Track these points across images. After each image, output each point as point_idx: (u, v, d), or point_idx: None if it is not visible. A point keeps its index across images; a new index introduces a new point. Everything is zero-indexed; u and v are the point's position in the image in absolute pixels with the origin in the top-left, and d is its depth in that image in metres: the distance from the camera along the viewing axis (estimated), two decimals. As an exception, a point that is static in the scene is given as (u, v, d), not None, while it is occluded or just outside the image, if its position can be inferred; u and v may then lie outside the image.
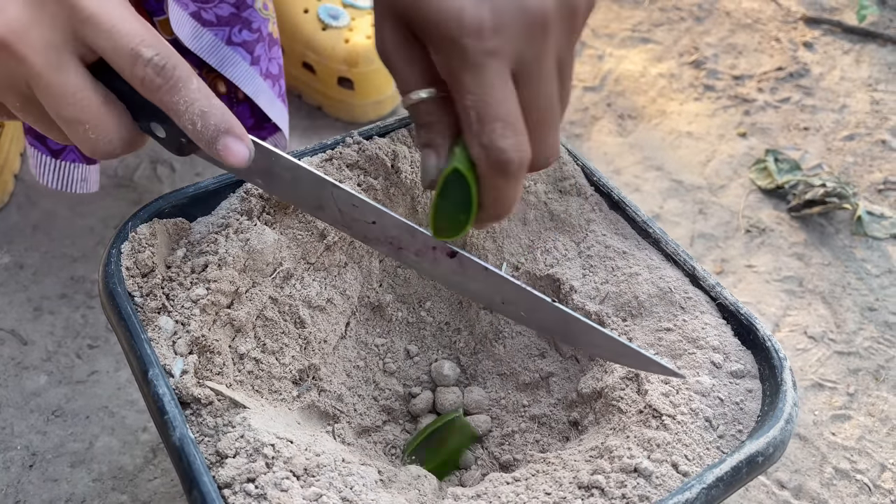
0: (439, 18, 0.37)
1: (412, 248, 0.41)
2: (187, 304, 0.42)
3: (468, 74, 0.37)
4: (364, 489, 0.38)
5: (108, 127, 0.36)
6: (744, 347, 0.44)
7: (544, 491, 0.38)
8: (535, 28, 0.37)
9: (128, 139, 0.37)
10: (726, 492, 0.37)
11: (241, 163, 0.37)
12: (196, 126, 0.35)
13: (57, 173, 0.64)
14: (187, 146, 0.38)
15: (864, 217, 0.83)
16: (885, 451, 0.66)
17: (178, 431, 0.37)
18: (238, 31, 0.61)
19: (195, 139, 0.36)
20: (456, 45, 0.37)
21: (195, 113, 0.35)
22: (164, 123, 0.37)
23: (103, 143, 0.36)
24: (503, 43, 0.37)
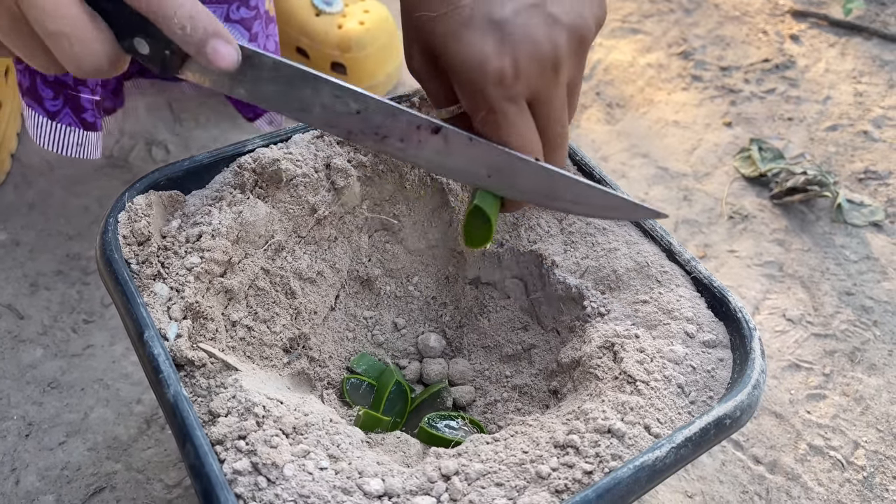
0: (463, 66, 0.40)
1: (396, 133, 0.42)
2: (182, 272, 0.44)
3: (491, 116, 0.41)
4: (350, 447, 0.40)
5: (92, 41, 0.36)
6: (716, 319, 0.46)
7: (522, 449, 0.40)
8: (549, 70, 0.41)
9: (112, 56, 0.37)
10: (695, 452, 0.39)
11: (229, 65, 0.37)
12: (185, 30, 0.36)
13: (53, 135, 0.64)
14: (170, 60, 0.38)
15: (844, 205, 0.85)
16: (859, 429, 0.68)
17: (173, 389, 0.38)
18: (236, 8, 0.62)
19: (183, 44, 0.36)
20: (479, 92, 0.40)
21: (184, 16, 0.36)
22: (148, 38, 0.37)
23: (88, 58, 0.36)
24: (521, 87, 0.41)
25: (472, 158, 0.42)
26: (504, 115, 0.41)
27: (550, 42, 0.41)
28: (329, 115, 0.41)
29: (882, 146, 0.94)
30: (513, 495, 0.38)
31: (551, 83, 0.42)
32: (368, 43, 0.88)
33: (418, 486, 0.38)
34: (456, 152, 0.42)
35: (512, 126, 0.41)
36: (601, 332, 0.46)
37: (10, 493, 0.59)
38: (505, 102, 0.41)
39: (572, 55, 0.42)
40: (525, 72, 0.40)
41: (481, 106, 0.41)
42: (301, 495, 0.37)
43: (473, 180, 0.43)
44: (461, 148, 0.42)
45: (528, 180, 0.42)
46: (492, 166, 0.42)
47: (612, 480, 0.37)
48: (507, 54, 0.40)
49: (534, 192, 0.43)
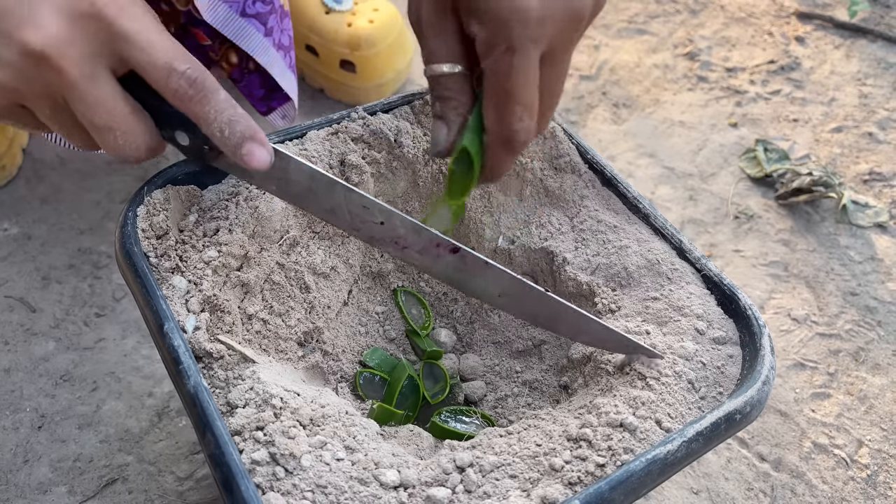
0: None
1: (416, 246, 0.43)
2: (199, 266, 0.45)
3: (507, 56, 0.41)
4: (366, 439, 0.40)
5: (136, 134, 0.38)
6: (726, 316, 0.47)
7: (535, 442, 0.40)
8: (574, 21, 0.42)
9: (152, 146, 0.40)
10: (706, 446, 0.40)
11: (262, 166, 0.39)
12: (224, 133, 0.38)
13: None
14: (209, 154, 0.40)
15: (849, 206, 0.86)
16: (863, 427, 0.69)
17: (193, 380, 0.39)
18: (252, 2, 0.63)
19: (221, 145, 0.39)
20: (503, 26, 0.40)
21: (223, 121, 0.38)
22: (188, 132, 0.39)
23: (130, 149, 0.39)
24: (545, 31, 0.41)
25: (485, 280, 0.43)
26: (522, 57, 0.41)
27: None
28: (355, 221, 0.43)
29: (887, 148, 0.94)
30: (527, 487, 0.38)
31: (569, 37, 0.42)
32: (378, 41, 0.88)
33: (433, 477, 0.39)
34: (471, 272, 0.43)
35: (523, 71, 0.41)
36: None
37: (22, 484, 0.60)
38: (526, 42, 0.40)
39: (591, 17, 0.43)
40: (554, 17, 0.40)
41: (500, 42, 0.40)
42: (318, 485, 0.37)
43: (485, 298, 0.45)
44: (477, 269, 0.43)
45: (535, 307, 0.44)
46: (504, 289, 0.44)
47: (625, 473, 0.37)
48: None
49: (539, 316, 0.44)
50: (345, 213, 0.43)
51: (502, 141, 0.43)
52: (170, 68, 0.37)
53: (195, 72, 0.37)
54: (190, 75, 0.37)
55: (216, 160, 0.41)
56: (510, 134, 0.43)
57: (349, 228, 0.43)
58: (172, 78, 0.37)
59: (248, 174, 0.42)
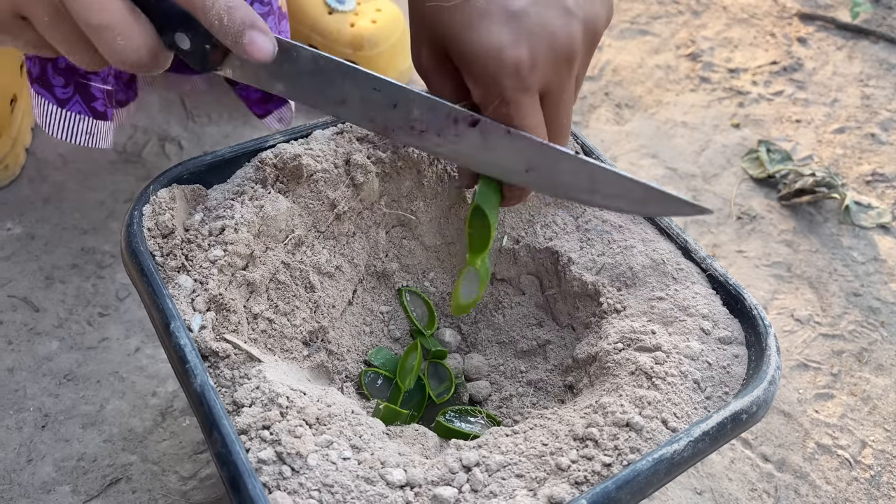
0: (478, 56, 0.41)
1: (434, 127, 0.42)
2: (205, 265, 0.45)
3: (503, 108, 0.41)
4: (372, 438, 0.40)
5: (135, 33, 0.36)
6: (731, 316, 0.47)
7: (541, 442, 0.40)
8: (563, 63, 0.42)
9: (153, 50, 0.38)
10: (712, 446, 0.40)
11: (266, 56, 0.37)
12: (223, 21, 0.36)
13: (61, 123, 0.64)
14: (211, 54, 0.38)
15: (852, 207, 0.86)
16: (866, 428, 0.69)
17: (199, 379, 0.39)
18: (250, 2, 0.63)
19: (221, 36, 0.37)
20: (495, 83, 0.41)
21: (221, 8, 0.36)
22: (188, 32, 0.37)
23: (131, 51, 0.37)
24: (536, 78, 0.41)
25: (510, 152, 0.42)
26: (517, 107, 0.41)
27: (567, 34, 0.41)
28: (367, 108, 0.41)
29: (889, 149, 0.94)
30: (533, 486, 0.38)
31: (564, 75, 0.42)
32: (381, 41, 0.89)
33: (440, 476, 0.39)
34: (494, 146, 0.42)
35: (524, 118, 0.42)
36: (617, 329, 0.47)
37: (26, 483, 0.60)
38: (519, 93, 0.41)
39: (585, 48, 0.43)
40: (541, 63, 0.41)
41: (494, 96, 0.41)
42: (325, 484, 0.37)
43: (512, 175, 0.43)
44: (499, 141, 0.42)
45: (568, 175, 0.42)
46: (531, 160, 0.42)
47: (632, 472, 0.37)
48: (524, 44, 0.40)
49: (573, 186, 0.43)
50: (356, 100, 0.41)
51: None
52: None
53: None
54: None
55: (220, 64, 0.39)
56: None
57: (363, 119, 0.42)
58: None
59: (255, 73, 0.40)
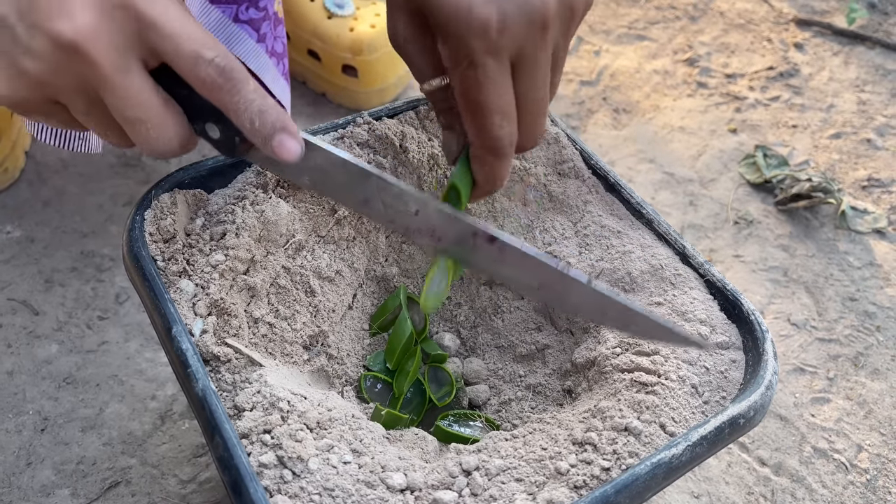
0: (448, 15, 0.40)
1: (452, 237, 0.42)
2: (207, 269, 0.45)
3: (471, 70, 0.40)
4: (373, 442, 0.41)
5: (168, 127, 0.38)
6: (729, 321, 0.47)
7: (540, 446, 0.41)
8: (537, 26, 0.40)
9: (184, 139, 0.39)
10: (710, 450, 0.40)
11: (293, 158, 0.38)
12: (254, 124, 0.37)
13: (54, 130, 0.64)
14: (240, 146, 0.40)
15: (848, 212, 0.87)
16: (862, 432, 0.69)
17: (201, 383, 0.39)
18: (245, 8, 0.63)
19: (251, 137, 0.38)
20: (462, 43, 0.40)
21: (253, 112, 0.37)
22: (219, 124, 0.39)
23: (163, 143, 0.38)
24: (506, 41, 0.40)
25: (524, 270, 0.41)
26: (484, 70, 0.40)
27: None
28: (390, 212, 0.42)
29: (885, 154, 0.95)
30: (532, 490, 0.39)
31: (537, 42, 0.41)
32: (380, 46, 0.89)
33: (440, 480, 0.39)
34: (509, 262, 0.41)
35: (491, 83, 0.40)
36: (616, 333, 0.47)
37: (26, 486, 0.60)
38: (487, 56, 0.40)
39: (561, 18, 0.42)
40: (511, 25, 0.39)
41: (462, 58, 0.40)
42: (326, 488, 0.37)
43: (524, 290, 0.43)
44: (514, 259, 0.41)
45: (578, 299, 0.41)
46: (543, 281, 0.41)
47: (630, 477, 0.38)
48: (494, 3, 0.39)
49: (582, 309, 0.42)
50: (378, 203, 0.41)
51: (488, 150, 0.43)
52: (197, 56, 0.36)
53: (223, 60, 0.36)
54: (218, 64, 0.36)
55: (247, 153, 0.40)
56: (493, 142, 0.42)
57: (384, 220, 0.42)
58: (200, 67, 0.36)
59: (280, 167, 0.41)
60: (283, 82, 0.69)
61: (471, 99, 0.41)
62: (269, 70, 0.67)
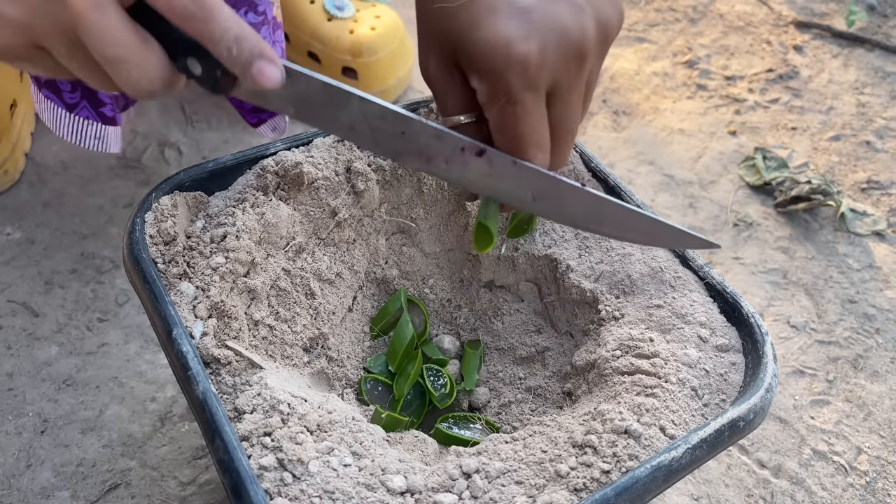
0: (485, 52, 0.40)
1: (441, 154, 0.42)
2: (207, 272, 0.45)
3: (510, 107, 0.40)
4: (373, 445, 0.41)
5: (149, 64, 0.37)
6: (729, 324, 0.47)
7: (541, 449, 0.41)
8: (574, 59, 0.41)
9: (166, 77, 0.38)
10: (709, 453, 0.40)
11: (274, 84, 0.38)
12: (231, 52, 0.37)
13: (71, 127, 0.65)
14: (222, 80, 0.39)
15: (848, 214, 0.87)
16: (862, 434, 0.69)
17: (202, 385, 0.39)
18: (244, 13, 0.63)
19: (230, 65, 0.37)
20: (501, 79, 0.40)
21: (230, 39, 0.36)
22: (200, 58, 0.38)
23: (145, 82, 0.37)
24: (543, 77, 0.40)
25: (517, 181, 0.42)
26: (523, 106, 0.40)
27: (579, 29, 0.40)
28: (376, 135, 0.41)
29: (884, 156, 0.95)
30: (532, 493, 0.39)
31: (574, 74, 0.41)
32: (380, 48, 0.89)
33: (440, 483, 0.39)
34: (501, 175, 0.42)
35: (528, 118, 0.41)
36: (616, 336, 0.47)
37: (25, 488, 0.60)
38: (526, 92, 0.40)
39: (597, 46, 0.42)
40: (550, 59, 0.39)
41: (500, 95, 0.40)
42: (326, 491, 0.38)
43: (519, 203, 0.43)
44: (506, 171, 0.42)
45: (574, 206, 0.42)
46: (537, 190, 0.42)
47: (630, 479, 0.38)
48: (534, 39, 0.39)
49: (580, 216, 0.42)
50: (364, 127, 0.41)
51: None
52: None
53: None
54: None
55: (232, 88, 0.40)
56: None
57: (372, 145, 0.42)
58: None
59: (265, 97, 0.41)
60: None
61: (507, 133, 0.41)
62: None
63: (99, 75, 0.38)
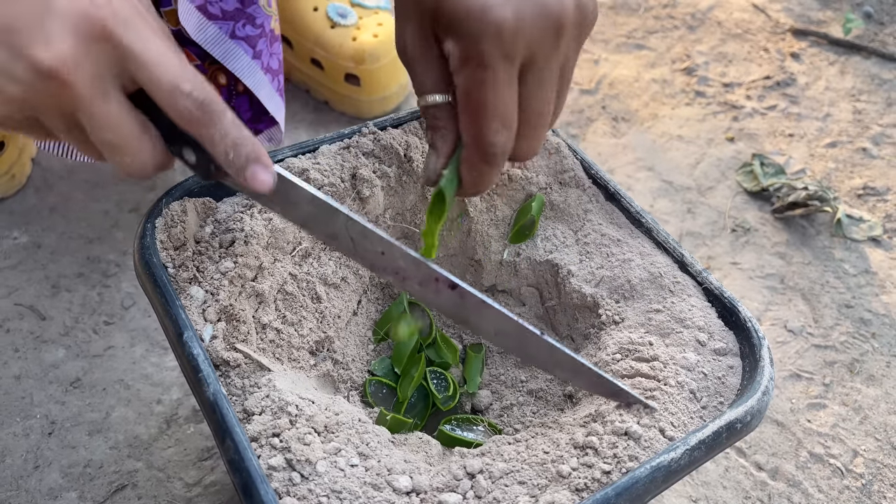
0: (462, 14, 0.40)
1: (416, 278, 0.43)
2: (216, 276, 0.46)
3: (479, 71, 0.40)
4: (379, 446, 0.42)
5: (144, 153, 0.38)
6: (726, 328, 0.48)
7: (543, 450, 0.42)
8: (551, 32, 0.41)
9: (160, 163, 0.39)
10: (707, 454, 0.41)
11: (265, 189, 0.39)
12: (229, 156, 0.38)
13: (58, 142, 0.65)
14: (215, 172, 0.40)
15: (844, 220, 0.88)
16: (858, 438, 0.70)
17: (212, 387, 0.40)
18: (242, 25, 0.64)
19: (226, 167, 0.38)
20: (474, 42, 0.40)
21: (229, 144, 0.38)
22: (195, 150, 0.39)
23: (138, 166, 0.38)
24: (520, 44, 0.40)
25: (483, 317, 0.43)
26: (494, 72, 0.40)
27: (557, 3, 0.40)
28: (357, 248, 0.42)
29: (880, 163, 0.96)
30: (535, 493, 0.40)
31: (549, 49, 0.41)
32: (382, 55, 0.90)
33: (445, 483, 0.40)
34: (469, 309, 0.43)
35: (497, 86, 0.40)
36: (616, 340, 0.48)
37: (33, 489, 0.61)
38: (498, 59, 0.40)
39: (574, 28, 0.42)
40: (526, 27, 0.39)
41: (472, 59, 0.40)
42: (333, 491, 0.38)
43: (482, 334, 0.45)
44: (474, 307, 0.43)
45: (532, 349, 0.44)
46: (500, 329, 0.43)
47: (630, 480, 0.39)
48: (511, 6, 0.39)
49: (536, 359, 0.44)
50: (347, 239, 0.42)
51: (480, 154, 0.43)
52: (175, 88, 0.36)
53: (201, 94, 0.37)
54: (196, 97, 0.37)
55: (223, 178, 0.41)
56: (486, 147, 0.42)
57: (351, 254, 0.43)
58: (178, 99, 0.36)
59: (254, 194, 0.42)
60: (277, 99, 0.70)
61: (473, 100, 0.41)
62: (265, 87, 0.67)
63: (94, 152, 0.39)
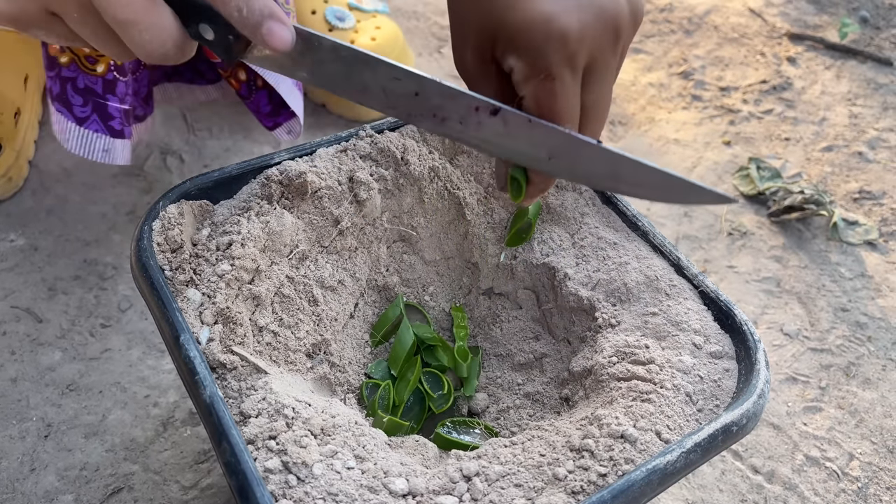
0: (526, 27, 0.40)
1: (455, 115, 0.41)
2: (213, 279, 0.46)
3: (548, 83, 0.40)
4: (375, 448, 0.42)
5: (160, 25, 0.37)
6: (722, 331, 0.48)
7: (539, 453, 0.42)
8: (611, 35, 0.41)
9: (178, 42, 0.38)
10: (703, 457, 0.41)
11: (285, 45, 0.38)
12: (242, 13, 0.37)
13: (80, 140, 0.66)
14: (234, 45, 0.39)
15: (840, 223, 0.88)
16: (854, 441, 0.70)
17: (209, 390, 0.40)
18: None
19: (240, 27, 0.37)
20: (540, 55, 0.40)
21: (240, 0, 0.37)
22: (211, 24, 0.38)
23: (157, 44, 0.37)
24: (583, 53, 0.40)
25: (532, 140, 0.41)
26: (562, 81, 0.40)
27: (614, 6, 0.41)
28: (389, 97, 0.41)
29: (876, 167, 0.96)
30: (531, 496, 0.40)
31: (610, 51, 0.41)
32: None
33: (441, 486, 0.40)
34: (516, 134, 0.41)
35: (566, 94, 0.41)
36: (612, 343, 0.48)
37: (29, 492, 0.61)
38: (565, 67, 0.40)
39: (629, 27, 0.42)
40: (589, 34, 0.40)
41: (539, 70, 0.40)
42: (330, 493, 0.38)
43: (534, 162, 0.43)
44: (521, 129, 0.41)
45: (590, 163, 0.41)
46: (553, 148, 0.41)
47: (626, 482, 0.39)
48: (573, 14, 0.40)
49: (595, 174, 0.42)
50: (378, 89, 0.41)
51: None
52: None
53: None
54: None
55: (244, 53, 0.40)
56: None
57: (385, 107, 0.42)
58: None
59: (278, 62, 0.40)
60: (297, 93, 0.71)
61: (544, 111, 0.41)
62: (285, 82, 0.68)
63: (111, 40, 0.38)
